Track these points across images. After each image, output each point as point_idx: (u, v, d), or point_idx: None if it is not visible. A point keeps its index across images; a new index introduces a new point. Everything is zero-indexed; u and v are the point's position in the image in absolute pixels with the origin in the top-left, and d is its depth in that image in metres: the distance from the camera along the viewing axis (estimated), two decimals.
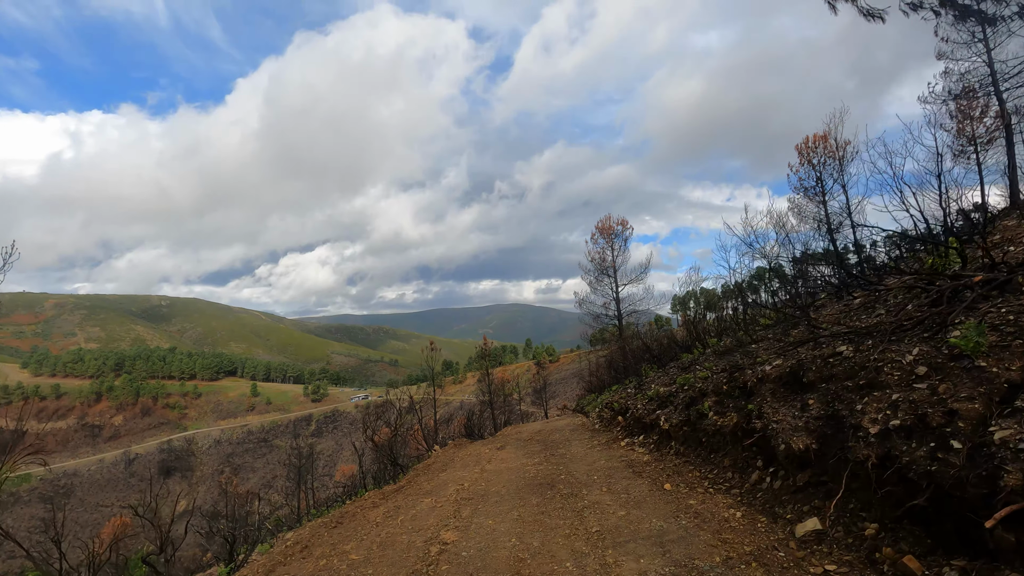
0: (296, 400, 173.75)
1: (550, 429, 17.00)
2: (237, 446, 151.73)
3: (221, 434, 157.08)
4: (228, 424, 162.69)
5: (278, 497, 63.05)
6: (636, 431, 10.92)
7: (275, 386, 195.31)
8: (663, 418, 8.39)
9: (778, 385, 5.44)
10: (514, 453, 12.66)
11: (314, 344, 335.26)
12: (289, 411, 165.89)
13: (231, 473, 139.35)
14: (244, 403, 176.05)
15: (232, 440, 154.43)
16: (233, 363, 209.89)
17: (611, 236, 35.77)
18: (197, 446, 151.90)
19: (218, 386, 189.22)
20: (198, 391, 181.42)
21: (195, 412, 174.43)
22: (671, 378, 12.98)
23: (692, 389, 8.57)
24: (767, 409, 5.13)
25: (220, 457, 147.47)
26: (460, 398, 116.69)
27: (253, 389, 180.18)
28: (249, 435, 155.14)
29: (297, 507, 31.53)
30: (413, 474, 13.72)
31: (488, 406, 31.48)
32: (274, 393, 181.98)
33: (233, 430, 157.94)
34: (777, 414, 4.93)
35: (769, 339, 12.09)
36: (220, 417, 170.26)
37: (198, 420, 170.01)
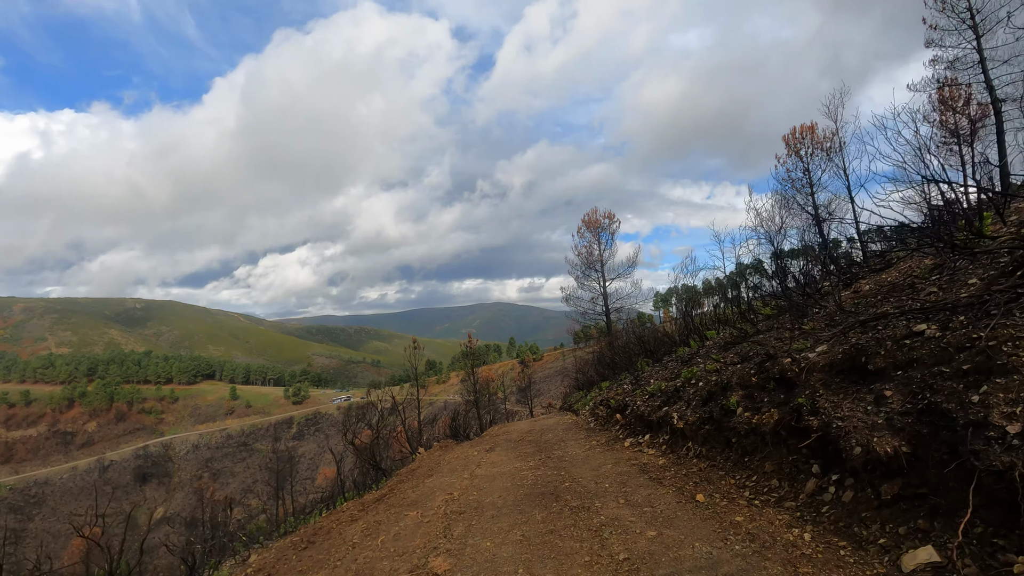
0: (276, 403, 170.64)
1: (540, 428, 16.04)
2: (216, 451, 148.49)
3: (199, 439, 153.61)
4: (207, 428, 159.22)
5: (258, 502, 61.43)
6: (639, 430, 10.01)
7: (255, 389, 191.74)
8: (675, 416, 7.49)
9: (830, 375, 4.56)
10: (505, 455, 11.69)
11: (295, 346, 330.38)
12: (269, 414, 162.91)
13: (210, 478, 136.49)
14: (223, 407, 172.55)
15: (211, 445, 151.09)
16: (211, 366, 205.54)
17: (597, 230, 34.96)
18: (174, 451, 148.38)
19: (196, 390, 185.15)
20: (175, 395, 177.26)
21: (172, 417, 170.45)
22: (672, 372, 12.11)
23: (707, 382, 7.70)
24: (824, 404, 4.24)
25: (198, 462, 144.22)
26: (444, 398, 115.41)
27: (232, 392, 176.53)
28: (228, 439, 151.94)
29: (275, 514, 30.18)
30: (396, 480, 12.68)
31: (473, 405, 30.48)
32: (254, 396, 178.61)
33: (212, 434, 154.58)
34: (839, 409, 4.04)
35: (776, 328, 11.29)
36: (198, 421, 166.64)
37: (175, 425, 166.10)
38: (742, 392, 5.85)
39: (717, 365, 9.81)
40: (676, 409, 7.84)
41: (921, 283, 6.63)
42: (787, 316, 12.21)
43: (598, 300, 34.69)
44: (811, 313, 11.17)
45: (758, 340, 9.32)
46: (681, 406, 7.83)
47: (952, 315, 4.02)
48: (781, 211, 28.57)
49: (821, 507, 3.84)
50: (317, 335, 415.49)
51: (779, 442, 4.71)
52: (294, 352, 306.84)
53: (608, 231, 34.59)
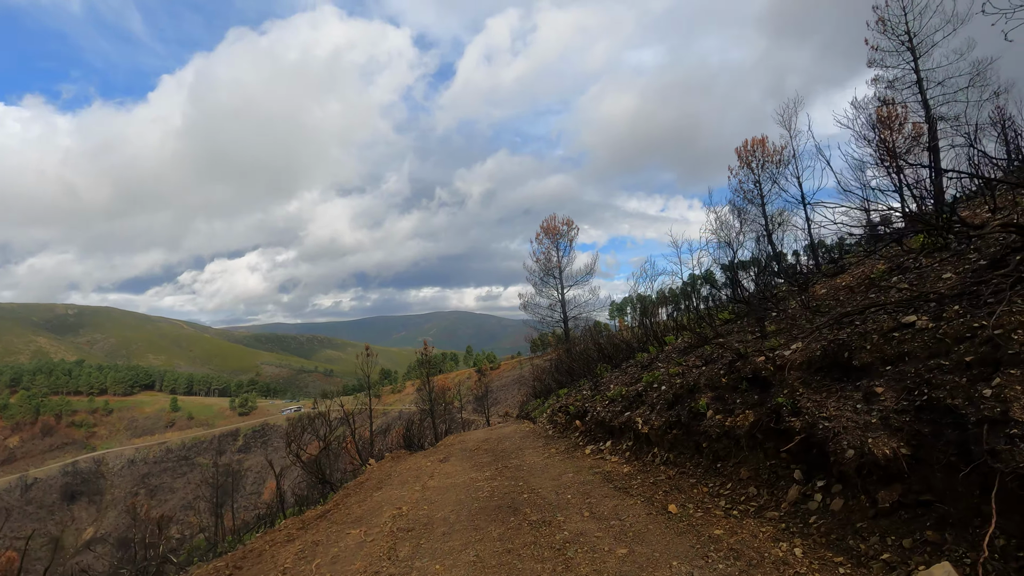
0: (221, 414, 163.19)
1: (497, 437, 15.51)
2: (154, 465, 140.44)
3: (136, 453, 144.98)
4: (144, 442, 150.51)
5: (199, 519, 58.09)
6: (600, 436, 9.62)
7: (198, 400, 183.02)
8: (639, 421, 7.11)
9: (809, 372, 4.25)
10: (460, 465, 11.08)
11: (242, 354, 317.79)
12: (213, 426, 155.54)
13: (146, 496, 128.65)
14: (163, 419, 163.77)
15: (148, 459, 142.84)
16: (151, 376, 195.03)
17: (556, 237, 34.79)
18: (107, 467, 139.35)
19: (133, 401, 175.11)
20: (109, 407, 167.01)
21: (106, 430, 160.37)
22: (632, 377, 11.84)
23: (671, 386, 7.37)
24: (806, 403, 3.90)
25: (134, 478, 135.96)
26: (399, 407, 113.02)
27: (173, 403, 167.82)
28: (168, 453, 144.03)
29: (215, 532, 28.41)
30: (343, 494, 11.86)
31: (428, 414, 29.60)
32: (197, 407, 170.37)
33: (149, 448, 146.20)
34: (824, 409, 3.71)
35: (736, 331, 11.17)
36: (135, 435, 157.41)
37: (109, 439, 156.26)
38: (712, 394, 5.51)
39: (680, 368, 9.55)
40: (640, 414, 7.47)
41: (884, 282, 6.51)
42: (745, 320, 12.15)
43: (556, 307, 34.46)
44: (769, 316, 11.09)
45: (721, 342, 9.11)
46: (645, 411, 7.47)
47: (941, 306, 3.76)
48: (736, 221, 29.15)
49: (808, 517, 3.47)
50: (267, 343, 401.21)
51: (755, 446, 4.36)
52: (242, 361, 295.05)
53: (566, 238, 34.49)
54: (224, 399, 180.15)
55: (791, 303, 10.93)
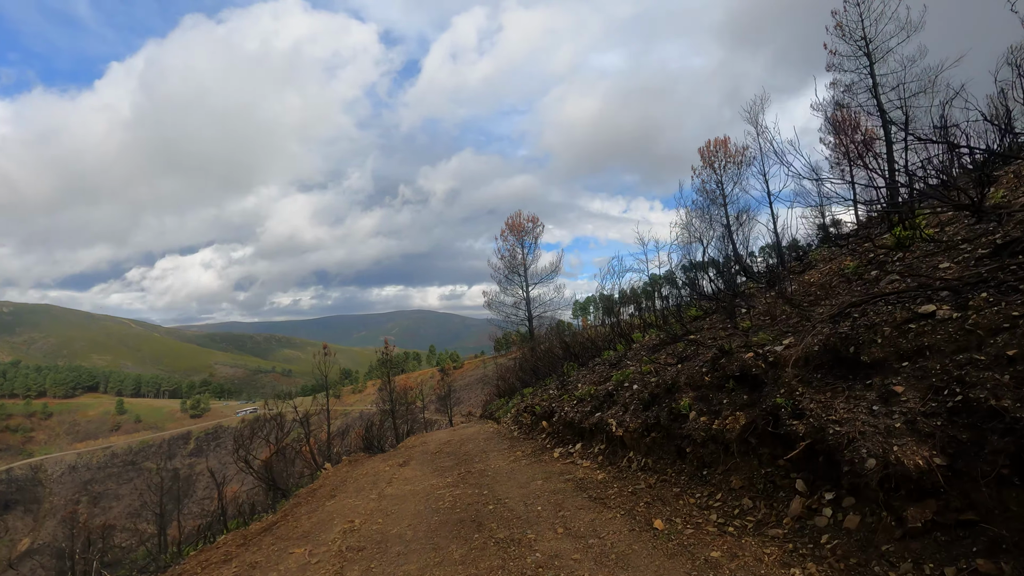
0: (172, 416, 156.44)
1: (460, 439, 14.88)
2: (97, 471, 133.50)
3: (77, 459, 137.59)
4: (87, 447, 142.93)
5: (147, 526, 55.49)
6: (569, 438, 9.13)
7: (146, 402, 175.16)
8: (612, 422, 6.64)
9: (808, 370, 3.84)
10: (421, 470, 10.43)
11: (195, 354, 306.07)
12: (163, 429, 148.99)
13: (89, 503, 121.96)
14: (108, 422, 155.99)
15: (91, 465, 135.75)
16: (94, 377, 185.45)
17: (521, 234, 34.33)
18: (46, 474, 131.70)
19: (75, 404, 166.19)
20: (48, 410, 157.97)
21: (44, 435, 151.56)
22: (601, 376, 11.43)
23: (644, 385, 6.95)
24: (809, 404, 3.48)
25: (76, 485, 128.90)
26: (360, 408, 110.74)
27: (119, 406, 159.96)
28: (113, 458, 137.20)
29: (159, 543, 26.89)
30: (293, 503, 11.03)
31: (389, 415, 28.70)
32: (145, 410, 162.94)
33: (93, 453, 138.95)
34: (832, 411, 3.28)
35: (708, 328, 10.89)
36: (77, 439, 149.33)
37: (48, 444, 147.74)
38: (694, 394, 5.07)
39: (652, 366, 9.16)
40: (613, 415, 7.00)
41: (866, 275, 6.23)
42: (714, 316, 11.90)
43: (521, 305, 34.00)
44: (739, 312, 10.85)
45: (694, 339, 8.76)
46: (618, 411, 7.01)
47: (959, 294, 3.39)
48: (695, 221, 29.50)
49: (818, 536, 3.03)
50: (221, 343, 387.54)
51: (748, 452, 3.92)
52: (194, 361, 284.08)
53: (531, 236, 34.07)
54: (175, 401, 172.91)
55: (761, 300, 10.72)
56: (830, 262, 12.69)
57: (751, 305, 10.82)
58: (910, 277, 4.55)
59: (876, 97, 24.58)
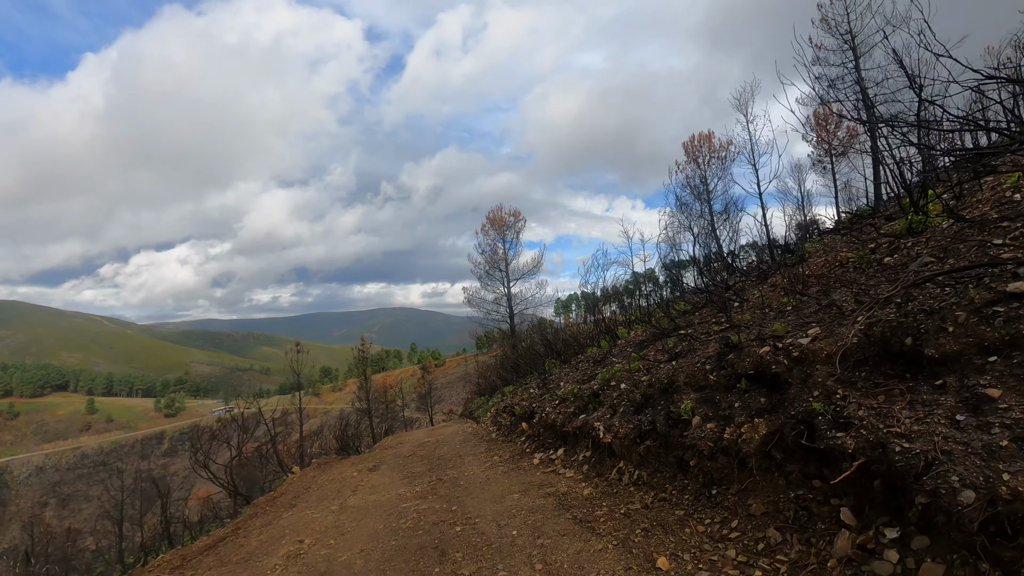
0: (145, 416, 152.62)
1: (436, 440, 14.02)
2: (67, 472, 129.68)
3: (45, 460, 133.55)
4: (56, 447, 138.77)
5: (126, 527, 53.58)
6: (551, 442, 8.33)
7: (118, 401, 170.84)
8: (600, 427, 5.86)
9: (848, 368, 3.09)
10: (390, 476, 9.56)
11: (170, 352, 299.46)
12: (135, 429, 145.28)
13: (57, 505, 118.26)
14: (77, 422, 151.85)
15: (60, 466, 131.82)
16: (64, 376, 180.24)
17: (502, 228, 33.44)
18: (12, 476, 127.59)
19: (43, 403, 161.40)
20: (15, 410, 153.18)
21: (10, 435, 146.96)
22: (585, 374, 10.66)
23: (634, 384, 6.17)
24: (858, 411, 2.72)
25: (44, 487, 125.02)
26: (340, 406, 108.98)
27: (89, 405, 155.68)
28: (83, 459, 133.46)
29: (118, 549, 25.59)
30: (250, 513, 10.08)
31: (366, 414, 27.70)
32: (117, 409, 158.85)
33: (62, 454, 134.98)
34: (893, 420, 2.52)
35: (700, 323, 10.19)
36: (45, 440, 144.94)
37: (14, 445, 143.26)
38: (697, 395, 4.30)
39: (641, 363, 8.40)
40: (599, 417, 6.22)
41: (878, 260, 5.55)
42: (705, 310, 11.22)
43: (502, 301, 33.13)
44: (731, 305, 10.18)
45: (690, 333, 8.03)
46: (605, 413, 6.24)
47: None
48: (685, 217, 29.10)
49: None
50: (198, 340, 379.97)
51: (771, 468, 3.16)
52: (169, 359, 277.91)
53: (513, 231, 33.20)
54: (148, 400, 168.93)
55: (755, 292, 10.05)
56: (825, 254, 12.08)
57: (743, 299, 10.14)
58: (952, 258, 3.83)
59: (862, 91, 24.26)
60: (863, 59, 23.97)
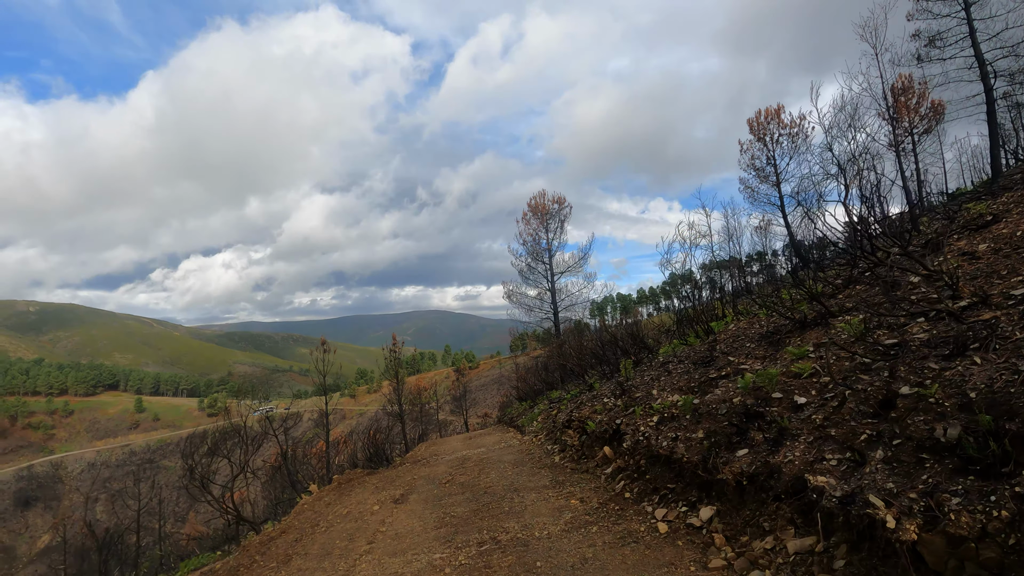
0: (189, 415, 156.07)
1: (478, 456, 11.24)
2: (116, 469, 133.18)
3: (97, 456, 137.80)
4: (106, 444, 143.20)
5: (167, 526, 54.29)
6: (673, 486, 5.37)
7: (165, 400, 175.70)
8: (879, 505, 2.95)
9: None
10: (420, 519, 6.81)
11: (214, 353, 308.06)
12: (180, 427, 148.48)
13: (107, 500, 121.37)
14: (127, 420, 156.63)
15: (110, 463, 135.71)
16: (115, 375, 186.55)
17: (545, 216, 30.48)
18: (66, 471, 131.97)
19: (95, 402, 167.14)
20: (69, 408, 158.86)
21: (65, 432, 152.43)
22: (692, 379, 7.67)
23: (872, 396, 3.23)
24: None
25: (95, 483, 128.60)
26: (375, 408, 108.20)
27: (138, 404, 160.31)
28: (132, 456, 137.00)
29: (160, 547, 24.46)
30: (234, 563, 7.58)
31: (398, 419, 25.25)
32: (163, 408, 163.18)
33: (112, 451, 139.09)
34: None
35: (853, 306, 7.11)
36: (97, 437, 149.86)
37: (69, 441, 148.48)
38: None
39: (820, 363, 5.40)
40: (827, 468, 3.28)
41: None
42: (857, 287, 8.13)
43: (545, 297, 30.15)
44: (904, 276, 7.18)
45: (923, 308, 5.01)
46: (818, 454, 3.30)
47: None
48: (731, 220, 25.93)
49: None
50: (240, 342, 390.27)
51: None
52: (213, 360, 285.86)
53: (557, 219, 30.14)
54: (192, 399, 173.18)
55: (936, 260, 6.90)
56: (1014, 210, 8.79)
57: (916, 270, 7.08)
58: None
59: (974, 46, 20.41)
60: (975, 8, 20.10)
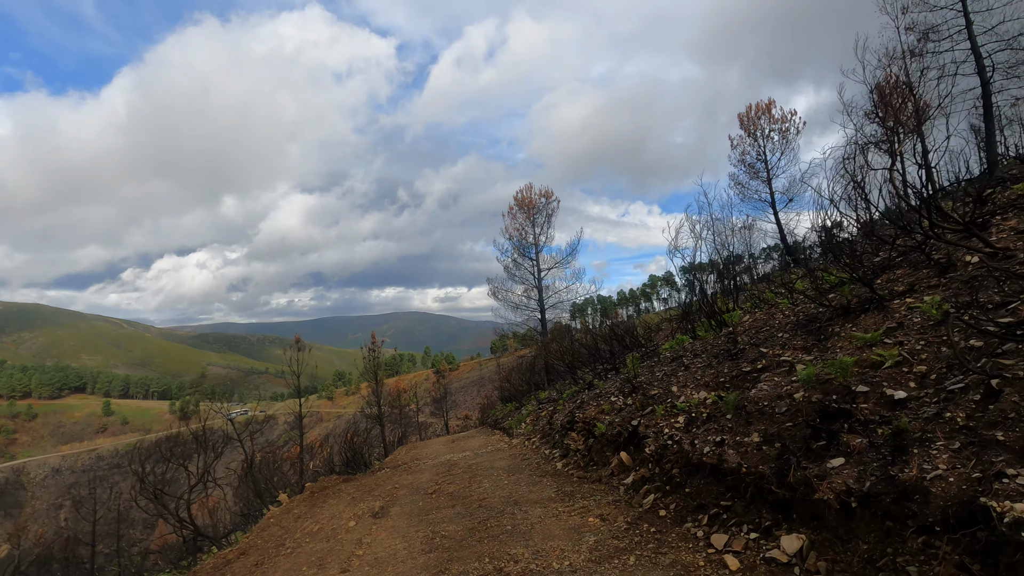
0: (160, 418, 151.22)
1: (465, 461, 10.14)
2: (82, 474, 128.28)
3: (62, 461, 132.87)
4: (72, 449, 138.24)
5: (134, 533, 52.69)
6: (710, 502, 4.38)
7: (134, 403, 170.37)
8: None
9: None
10: (404, 539, 5.66)
11: (186, 355, 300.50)
12: (151, 431, 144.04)
13: (72, 507, 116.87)
14: (94, 423, 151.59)
15: (76, 468, 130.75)
16: (82, 378, 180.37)
17: (532, 211, 29.46)
18: (28, 477, 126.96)
19: (61, 405, 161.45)
20: (33, 411, 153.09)
21: (28, 437, 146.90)
22: (717, 373, 6.68)
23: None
24: None
25: (59, 489, 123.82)
26: (353, 410, 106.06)
27: (106, 407, 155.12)
28: (99, 461, 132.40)
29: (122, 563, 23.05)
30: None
31: (377, 421, 23.97)
32: (133, 411, 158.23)
33: (78, 456, 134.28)
34: None
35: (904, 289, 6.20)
36: (62, 441, 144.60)
37: (31, 446, 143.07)
38: None
39: (905, 349, 4.43)
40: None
41: None
42: (898, 271, 7.20)
43: (531, 294, 29.07)
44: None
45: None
46: None
47: None
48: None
49: None
50: (214, 344, 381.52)
51: None
52: (186, 362, 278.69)
53: (544, 213, 29.13)
54: (164, 402, 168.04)
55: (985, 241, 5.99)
56: None
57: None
58: None
59: (971, 38, 19.98)
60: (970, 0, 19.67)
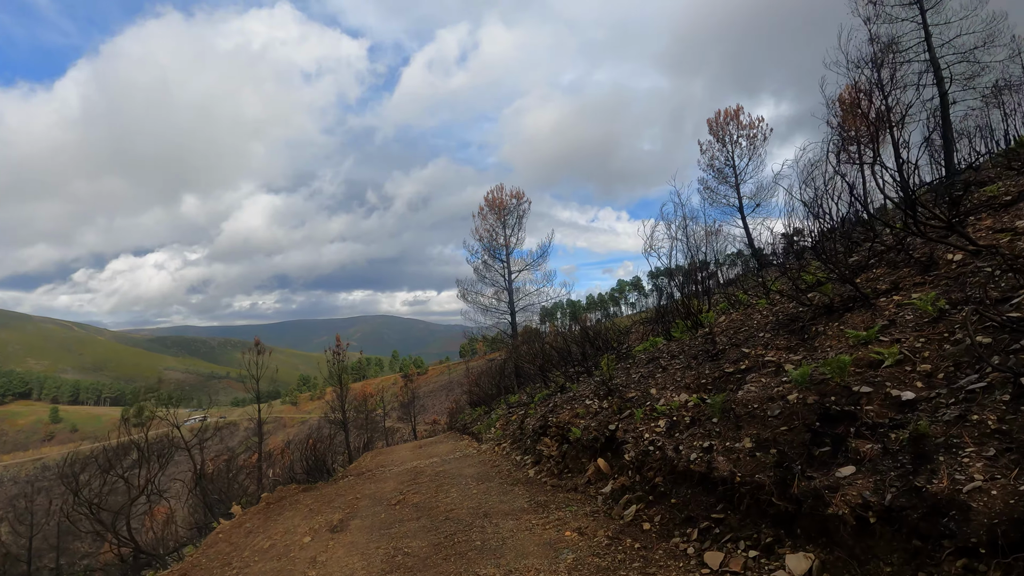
0: (112, 426, 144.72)
1: (433, 469, 9.63)
2: (26, 485, 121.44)
3: (4, 471, 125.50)
4: (15, 459, 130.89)
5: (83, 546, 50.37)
6: (706, 513, 4.03)
7: (85, 409, 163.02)
8: None
9: None
10: (364, 554, 5.16)
11: (142, 359, 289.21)
12: (102, 439, 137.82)
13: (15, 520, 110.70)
14: (40, 431, 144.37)
15: (19, 478, 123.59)
16: (27, 383, 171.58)
17: (503, 212, 29.11)
18: None
19: (3, 411, 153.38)
20: None
21: None
22: (697, 374, 6.38)
23: None
24: None
25: (1, 501, 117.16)
26: (318, 415, 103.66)
27: (53, 414, 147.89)
28: (45, 471, 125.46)
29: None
30: None
31: (341, 427, 23.15)
32: (83, 418, 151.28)
33: (22, 466, 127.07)
34: None
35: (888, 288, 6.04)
36: (4, 450, 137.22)
37: None
38: None
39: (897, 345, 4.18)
40: None
41: None
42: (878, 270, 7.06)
43: (502, 296, 28.69)
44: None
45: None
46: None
47: None
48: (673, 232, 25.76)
49: None
50: (172, 347, 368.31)
51: None
52: (141, 367, 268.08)
53: (515, 214, 28.82)
54: (117, 409, 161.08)
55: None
56: None
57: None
58: None
59: (929, 50, 20.63)
60: (930, 13, 20.26)
